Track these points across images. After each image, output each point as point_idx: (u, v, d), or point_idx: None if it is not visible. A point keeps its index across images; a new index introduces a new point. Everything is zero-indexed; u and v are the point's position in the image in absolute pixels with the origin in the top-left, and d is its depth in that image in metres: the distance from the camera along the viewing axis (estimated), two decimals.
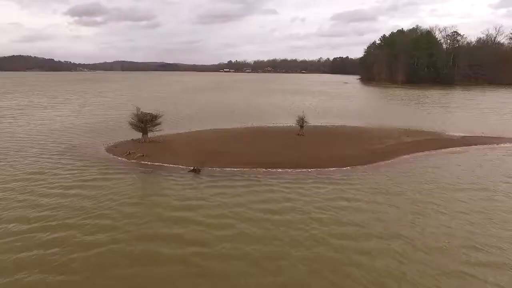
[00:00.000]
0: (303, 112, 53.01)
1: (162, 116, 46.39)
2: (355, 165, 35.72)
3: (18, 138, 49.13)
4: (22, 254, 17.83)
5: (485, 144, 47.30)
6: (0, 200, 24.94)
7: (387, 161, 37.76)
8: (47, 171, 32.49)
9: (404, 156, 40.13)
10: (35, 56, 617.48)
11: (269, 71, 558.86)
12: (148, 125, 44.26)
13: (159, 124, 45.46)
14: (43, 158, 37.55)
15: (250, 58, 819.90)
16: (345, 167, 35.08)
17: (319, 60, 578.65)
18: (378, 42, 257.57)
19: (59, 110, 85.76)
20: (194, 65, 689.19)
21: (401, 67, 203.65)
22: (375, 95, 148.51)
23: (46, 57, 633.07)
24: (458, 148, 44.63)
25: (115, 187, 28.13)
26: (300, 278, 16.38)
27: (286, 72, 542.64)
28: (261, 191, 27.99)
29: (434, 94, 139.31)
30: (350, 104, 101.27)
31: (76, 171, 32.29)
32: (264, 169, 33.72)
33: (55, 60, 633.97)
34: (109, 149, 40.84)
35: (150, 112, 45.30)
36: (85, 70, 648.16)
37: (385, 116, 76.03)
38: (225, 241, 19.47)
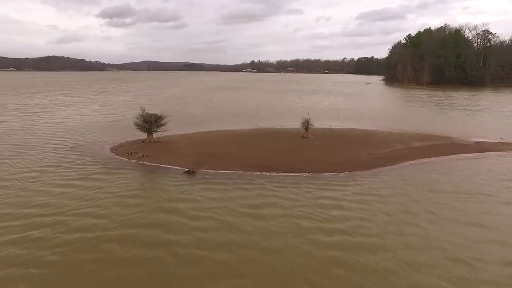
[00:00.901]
0: (308, 114, 52.30)
1: (168, 117, 47.42)
2: (354, 170, 34.84)
3: (36, 134, 52.27)
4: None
5: (501, 150, 44.65)
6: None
7: (389, 167, 36.50)
8: (48, 167, 34.45)
9: (409, 161, 38.64)
10: (68, 57, 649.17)
11: (291, 71, 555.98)
12: (153, 126, 45.27)
13: (163, 124, 46.34)
14: (51, 154, 39.72)
15: (273, 58, 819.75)
16: (343, 172, 34.27)
17: (343, 60, 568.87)
18: (403, 41, 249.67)
19: (80, 109, 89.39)
20: (217, 65, 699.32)
21: (427, 68, 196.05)
22: (395, 96, 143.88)
23: (78, 58, 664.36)
24: (469, 155, 42.38)
25: (103, 185, 29.09)
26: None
27: (309, 72, 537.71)
28: (248, 194, 27.94)
29: (458, 96, 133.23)
30: (366, 105, 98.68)
31: (72, 169, 33.85)
32: (258, 172, 33.58)
33: (86, 60, 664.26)
34: (113, 148, 42.17)
35: (155, 113, 46.33)
36: (114, 70, 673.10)
37: (400, 118, 73.56)
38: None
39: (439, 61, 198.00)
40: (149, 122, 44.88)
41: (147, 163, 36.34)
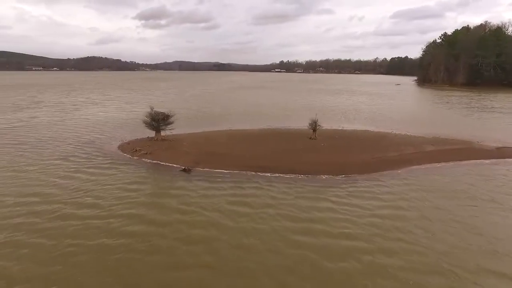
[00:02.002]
0: (316, 115, 51.27)
1: (178, 115, 48.57)
2: (352, 174, 33.78)
3: (57, 129, 56.04)
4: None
5: None
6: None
7: (392, 171, 34.98)
8: (54, 159, 37.20)
9: (415, 166, 36.81)
10: (105, 57, 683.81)
11: (321, 72, 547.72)
12: (161, 124, 46.47)
13: (171, 123, 47.41)
14: (62, 148, 42.46)
15: (302, 58, 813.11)
16: (340, 175, 33.35)
17: (375, 60, 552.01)
18: (438, 40, 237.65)
19: (106, 106, 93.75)
20: (247, 65, 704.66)
21: (462, 68, 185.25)
22: (423, 97, 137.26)
23: (115, 58, 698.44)
24: (486, 161, 39.62)
25: (98, 178, 30.84)
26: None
27: (339, 72, 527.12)
28: (234, 193, 28.07)
29: (492, 98, 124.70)
30: (388, 107, 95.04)
31: (75, 162, 36.03)
32: (253, 172, 33.47)
33: (122, 60, 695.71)
34: (120, 145, 43.81)
35: (163, 111, 47.52)
36: (147, 69, 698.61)
37: (422, 120, 70.06)
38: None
39: (477, 60, 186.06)
40: (157, 120, 46.08)
41: (148, 160, 37.40)
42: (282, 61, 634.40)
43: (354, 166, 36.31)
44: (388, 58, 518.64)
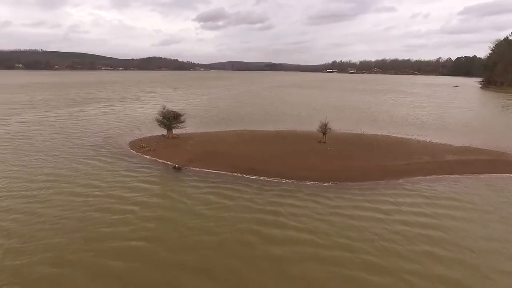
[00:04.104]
0: (326, 118, 49.15)
1: (185, 115, 50.19)
2: (344, 181, 31.86)
3: (95, 123, 62.77)
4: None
5: None
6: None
7: (387, 181, 32.28)
8: (68, 148, 42.90)
9: (420, 177, 33.48)
10: (165, 57, 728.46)
11: (375, 72, 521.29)
12: (172, 122, 48.34)
13: (182, 122, 49.09)
14: (80, 141, 47.22)
15: (357, 58, 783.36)
16: (329, 182, 31.67)
17: (437, 60, 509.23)
18: (511, 37, 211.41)
19: (146, 103, 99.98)
20: (298, 65, 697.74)
21: None
22: (478, 101, 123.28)
23: (173, 58, 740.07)
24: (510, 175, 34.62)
25: (89, 169, 34.42)
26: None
27: (395, 73, 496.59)
28: (208, 192, 28.39)
29: None
30: (428, 110, 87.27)
31: (82, 155, 39.74)
32: (239, 174, 33.28)
33: (179, 60, 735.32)
34: (132, 141, 46.50)
35: (174, 110, 49.37)
36: (201, 69, 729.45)
37: (462, 127, 63.21)
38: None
39: None
40: (168, 119, 48.04)
41: (148, 157, 39.19)
42: (334, 61, 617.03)
43: (350, 173, 34.19)
44: (454, 58, 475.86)
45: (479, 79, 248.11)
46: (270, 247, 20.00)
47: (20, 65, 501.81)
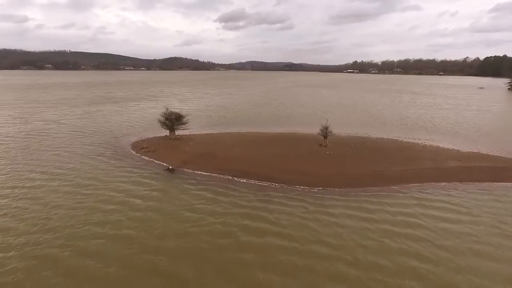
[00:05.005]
0: (327, 120, 48.47)
1: (187, 116, 50.99)
2: (333, 187, 31.39)
3: (106, 121, 65.73)
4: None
5: None
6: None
7: (383, 187, 31.52)
8: (70, 146, 45.14)
9: (414, 184, 32.49)
10: (185, 58, 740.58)
11: (398, 72, 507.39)
12: (174, 123, 49.17)
13: (185, 123, 49.82)
14: (88, 139, 49.22)
15: (378, 59, 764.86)
16: (318, 187, 31.31)
17: (464, 60, 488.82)
18: None
19: (159, 103, 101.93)
20: (318, 65, 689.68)
21: None
22: (497, 104, 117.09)
23: (194, 58, 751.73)
24: (508, 184, 32.96)
25: (81, 167, 36.00)
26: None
27: (419, 73, 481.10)
28: (193, 193, 28.96)
29: None
30: (444, 113, 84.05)
31: (82, 155, 41.22)
32: (229, 177, 33.52)
33: (200, 60, 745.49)
34: (135, 141, 47.72)
35: (177, 112, 50.19)
36: (221, 69, 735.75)
37: (470, 131, 60.52)
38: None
39: None
40: (170, 120, 48.90)
41: (146, 158, 40.08)
42: (355, 62, 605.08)
43: (344, 178, 33.63)
44: (482, 58, 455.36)
45: (508, 80, 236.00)
46: (242, 251, 20.09)
47: (50, 65, 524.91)
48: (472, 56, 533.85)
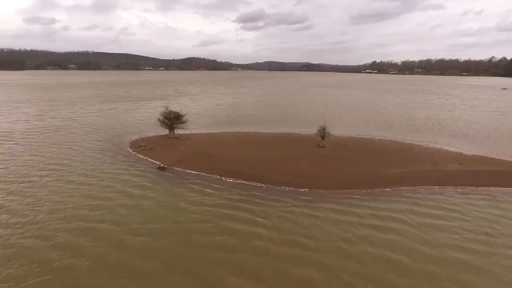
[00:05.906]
0: (324, 122, 47.68)
1: (186, 115, 51.44)
2: (320, 189, 30.82)
3: (110, 120, 67.23)
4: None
5: None
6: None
7: (371, 190, 30.66)
8: (73, 142, 47.08)
9: (408, 187, 31.43)
10: (203, 58, 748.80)
11: (418, 73, 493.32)
12: (174, 122, 49.73)
13: (184, 122, 50.28)
14: (94, 137, 51.17)
15: (398, 59, 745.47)
16: (305, 188, 30.83)
17: (490, 60, 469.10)
18: None
19: (170, 102, 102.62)
20: (336, 65, 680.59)
21: None
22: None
23: (211, 59, 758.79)
24: (504, 189, 31.35)
25: (77, 165, 36.78)
26: None
27: (441, 74, 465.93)
28: (178, 191, 29.21)
29: None
30: (456, 114, 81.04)
31: (84, 148, 43.31)
32: (218, 176, 33.55)
33: (217, 60, 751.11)
34: (134, 140, 48.60)
35: (176, 111, 50.72)
36: (238, 69, 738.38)
37: (480, 133, 57.97)
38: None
39: None
40: (169, 119, 49.49)
41: (141, 156, 40.69)
42: (374, 62, 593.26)
43: (335, 180, 32.93)
44: (509, 58, 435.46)
45: None
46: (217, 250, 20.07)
47: (73, 65, 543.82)
48: (498, 56, 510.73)
